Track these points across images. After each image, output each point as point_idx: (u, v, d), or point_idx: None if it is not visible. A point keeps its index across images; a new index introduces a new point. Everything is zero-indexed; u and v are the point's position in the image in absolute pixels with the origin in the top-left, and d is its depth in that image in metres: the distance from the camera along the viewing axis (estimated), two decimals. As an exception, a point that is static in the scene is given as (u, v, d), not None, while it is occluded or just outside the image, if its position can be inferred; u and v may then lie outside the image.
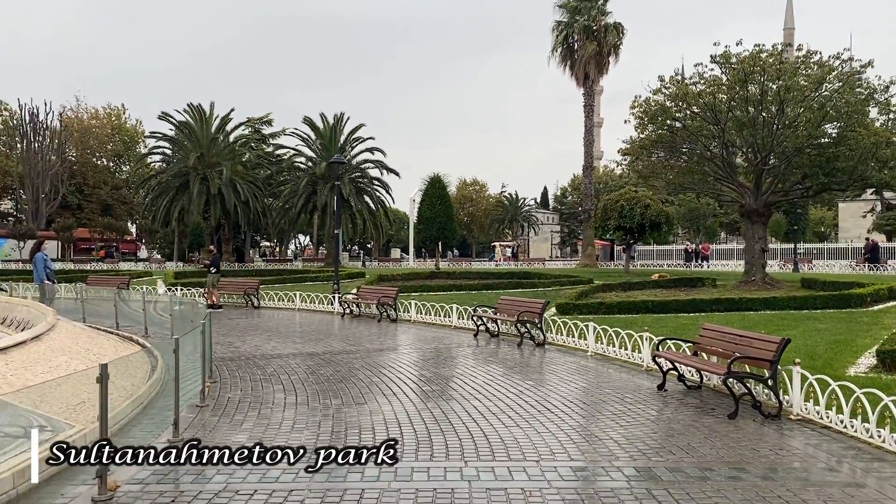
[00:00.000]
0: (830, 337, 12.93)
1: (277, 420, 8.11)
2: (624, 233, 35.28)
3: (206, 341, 10.19)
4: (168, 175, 50.63)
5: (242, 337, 16.07)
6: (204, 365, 9.63)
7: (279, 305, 23.65)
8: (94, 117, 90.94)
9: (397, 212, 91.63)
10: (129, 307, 20.65)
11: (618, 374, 11.20)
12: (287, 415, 8.39)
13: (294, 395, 9.52)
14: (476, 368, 11.65)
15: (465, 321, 17.41)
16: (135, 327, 17.52)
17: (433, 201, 33.63)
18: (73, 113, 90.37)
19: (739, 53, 22.64)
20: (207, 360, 10.50)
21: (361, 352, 13.65)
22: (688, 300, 17.97)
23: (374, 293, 20.62)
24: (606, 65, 46.58)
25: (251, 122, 72.07)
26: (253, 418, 8.22)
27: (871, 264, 36.59)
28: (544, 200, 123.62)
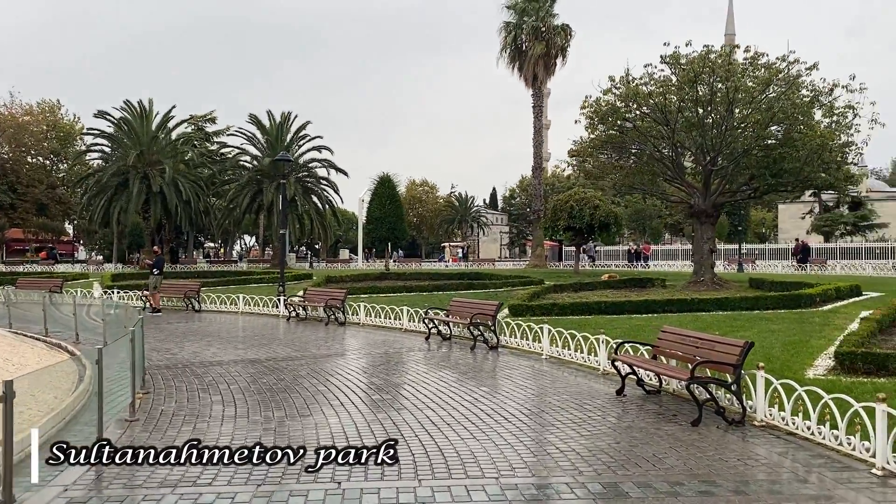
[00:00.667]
0: (784, 338, 12.84)
1: (214, 436, 7.46)
2: (573, 233, 35.28)
3: (137, 349, 9.46)
4: (107, 174, 48.65)
5: (181, 343, 15.24)
6: (134, 375, 8.90)
7: (221, 309, 22.74)
8: (27, 113, 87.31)
9: (346, 212, 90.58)
10: (61, 312, 19.56)
11: (574, 378, 10.85)
12: (225, 429, 7.75)
13: (234, 406, 8.86)
14: (428, 374, 11.15)
15: (417, 324, 16.91)
16: (65, 333, 16.56)
17: (382, 201, 33.04)
18: (6, 109, 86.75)
19: (689, 54, 22.70)
20: (139, 370, 9.78)
21: (307, 358, 13.01)
22: (641, 301, 17.82)
23: (321, 295, 19.94)
24: (554, 66, 46.64)
25: (194, 119, 70.10)
26: (187, 433, 7.55)
27: (801, 264, 38.46)
28: (493, 201, 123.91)
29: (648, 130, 24.14)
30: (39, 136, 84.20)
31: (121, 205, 47.40)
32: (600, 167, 26.54)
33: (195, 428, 7.82)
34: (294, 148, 52.07)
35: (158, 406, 8.96)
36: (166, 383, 10.48)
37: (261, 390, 9.87)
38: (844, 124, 22.88)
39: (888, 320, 12.48)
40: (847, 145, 23.30)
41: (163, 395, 9.67)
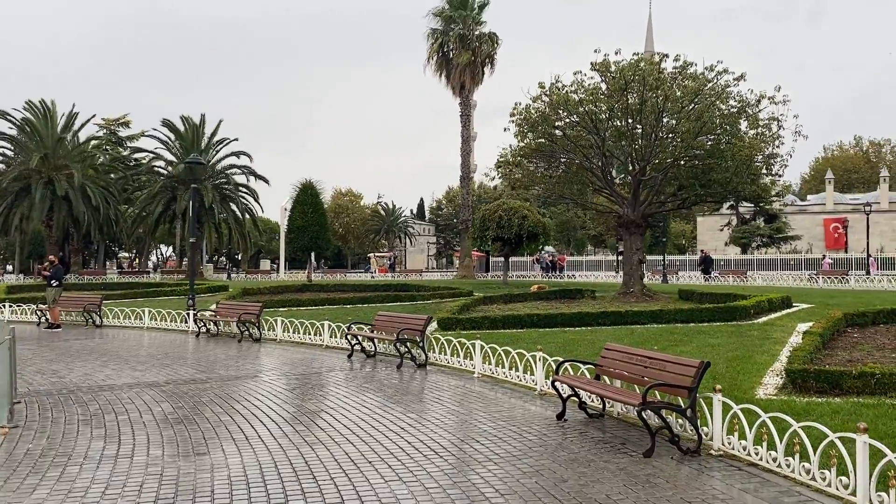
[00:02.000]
0: (726, 353, 12.31)
1: (83, 485, 6.14)
2: (502, 244, 34.68)
3: (2, 373, 8.03)
4: (6, 178, 45.20)
5: (72, 363, 13.60)
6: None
7: (125, 324, 20.89)
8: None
9: (269, 221, 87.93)
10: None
11: (510, 399, 9.93)
12: (100, 474, 6.44)
13: (116, 444, 7.53)
14: (350, 399, 10.01)
15: (339, 340, 15.70)
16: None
17: (305, 209, 31.55)
18: None
19: (619, 62, 22.39)
20: (3, 398, 8.31)
21: (214, 380, 11.66)
22: (574, 314, 17.15)
23: (234, 309, 18.45)
24: (482, 74, 46.22)
25: (107, 123, 66.67)
26: (51, 482, 6.20)
27: (704, 274, 40.13)
28: (420, 212, 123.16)
29: (578, 139, 23.73)
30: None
31: (22, 211, 44.14)
32: (529, 176, 25.98)
33: (63, 473, 6.48)
34: (211, 153, 49.87)
35: (25, 445, 7.54)
36: (42, 414, 9.01)
37: (154, 421, 8.54)
38: (770, 136, 23.00)
39: (829, 334, 12.10)
40: (773, 157, 23.44)
41: (34, 429, 8.22)
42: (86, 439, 7.74)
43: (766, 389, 9.46)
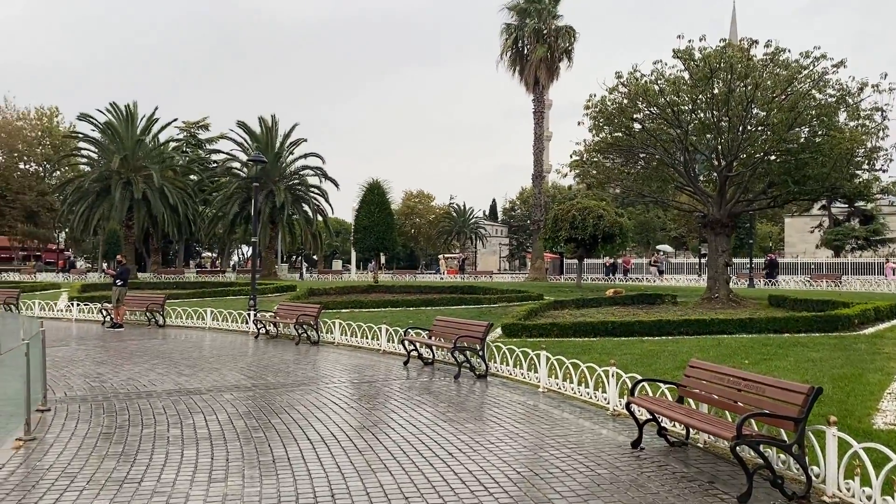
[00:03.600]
0: (831, 370, 10.72)
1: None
2: (576, 245, 33.18)
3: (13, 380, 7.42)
4: (87, 179, 46.56)
5: (121, 366, 13.13)
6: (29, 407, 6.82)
7: (188, 323, 20.61)
8: (21, 118, 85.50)
9: (344, 222, 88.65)
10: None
11: (578, 420, 8.74)
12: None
13: (129, 464, 6.74)
14: (399, 414, 9.02)
15: (396, 345, 14.79)
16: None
17: (371, 209, 30.91)
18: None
19: (704, 48, 20.70)
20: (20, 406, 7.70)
21: (258, 388, 10.88)
22: (653, 322, 15.68)
23: (292, 311, 17.81)
24: (557, 70, 44.69)
25: (187, 125, 68.27)
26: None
27: (769, 279, 38.38)
28: (493, 213, 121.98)
29: (658, 133, 22.15)
30: (32, 142, 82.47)
31: (102, 212, 45.33)
32: (605, 173, 24.49)
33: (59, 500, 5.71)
34: (284, 154, 50.11)
35: (34, 461, 6.84)
36: (67, 423, 8.38)
37: (179, 438, 7.76)
38: (873, 127, 20.85)
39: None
40: (875, 150, 21.26)
41: (51, 442, 7.55)
42: (98, 456, 6.99)
43: (885, 417, 7.94)
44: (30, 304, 23.88)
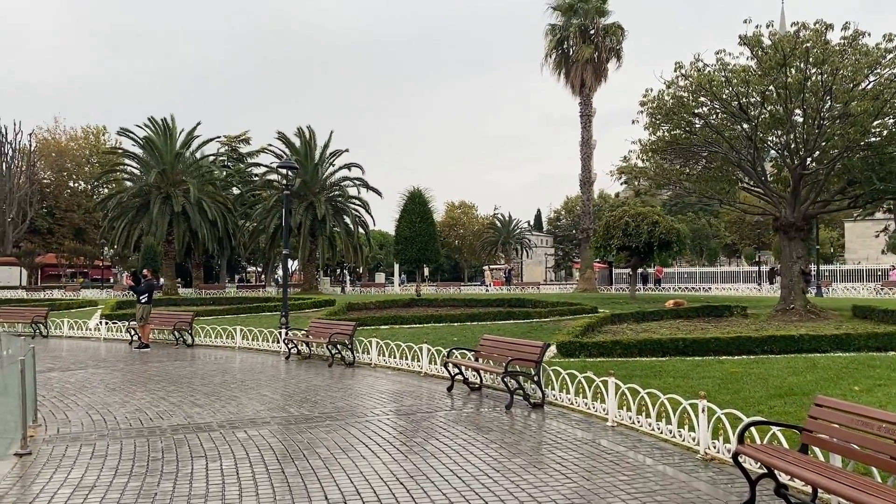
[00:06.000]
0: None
1: None
2: (629, 253, 31.16)
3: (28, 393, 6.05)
4: (127, 194, 46.24)
5: (133, 393, 11.78)
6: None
7: (216, 343, 19.34)
8: (72, 139, 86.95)
9: (387, 234, 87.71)
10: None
11: (661, 467, 7.02)
12: None
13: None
14: (442, 459, 7.39)
15: (439, 366, 13.19)
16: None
17: (412, 218, 29.41)
18: (49, 134, 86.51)
19: (774, 33, 18.74)
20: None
21: (277, 422, 9.37)
22: (730, 339, 13.73)
23: (326, 329, 16.35)
24: (605, 71, 42.76)
25: (229, 140, 68.10)
26: None
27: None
28: (538, 223, 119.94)
29: (722, 129, 20.21)
30: (81, 161, 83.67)
31: (142, 227, 44.89)
32: (663, 175, 22.57)
33: None
34: (325, 166, 49.14)
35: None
36: (42, 472, 6.95)
37: (164, 495, 6.26)
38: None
39: None
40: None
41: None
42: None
43: None
44: (59, 324, 22.96)
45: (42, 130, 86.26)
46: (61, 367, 15.26)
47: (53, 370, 14.60)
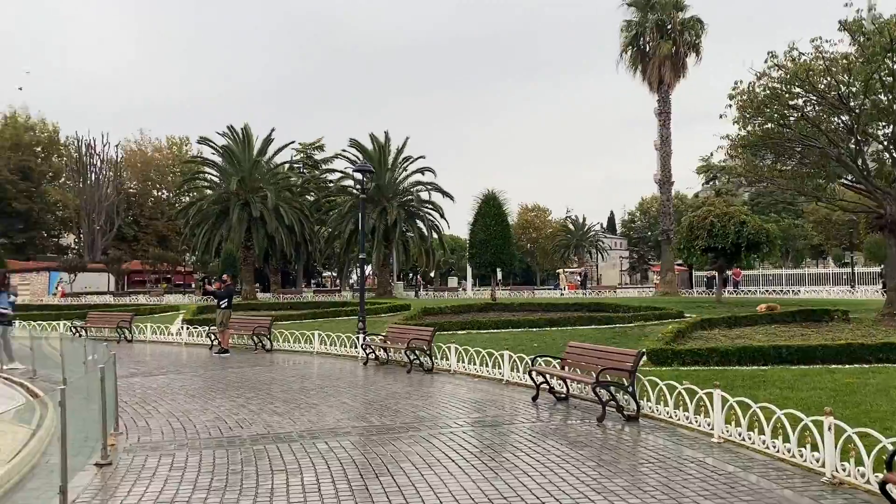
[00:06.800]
0: None
1: None
2: (715, 255, 29.76)
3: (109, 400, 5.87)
4: (208, 202, 47.44)
5: (212, 400, 11.66)
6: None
7: (295, 347, 19.27)
8: (157, 150, 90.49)
9: (459, 239, 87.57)
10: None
11: (781, 491, 6.30)
12: None
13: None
14: (533, 477, 6.84)
15: (522, 374, 12.62)
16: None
17: (487, 222, 28.87)
18: (136, 145, 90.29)
19: (878, 17, 17.40)
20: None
21: (359, 434, 8.99)
22: (840, 346, 12.65)
23: (404, 334, 16.00)
24: (684, 67, 41.23)
25: (304, 147, 69.21)
26: None
27: None
28: (611, 225, 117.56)
29: (819, 122, 18.93)
30: (164, 171, 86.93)
31: (222, 233, 45.92)
32: (754, 171, 21.34)
33: None
34: (397, 171, 49.19)
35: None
36: (122, 485, 6.74)
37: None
38: None
39: None
40: None
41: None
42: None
43: None
44: (143, 328, 23.45)
45: (129, 142, 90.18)
46: (144, 371, 15.40)
47: (136, 375, 14.73)
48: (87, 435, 7.76)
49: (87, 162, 78.83)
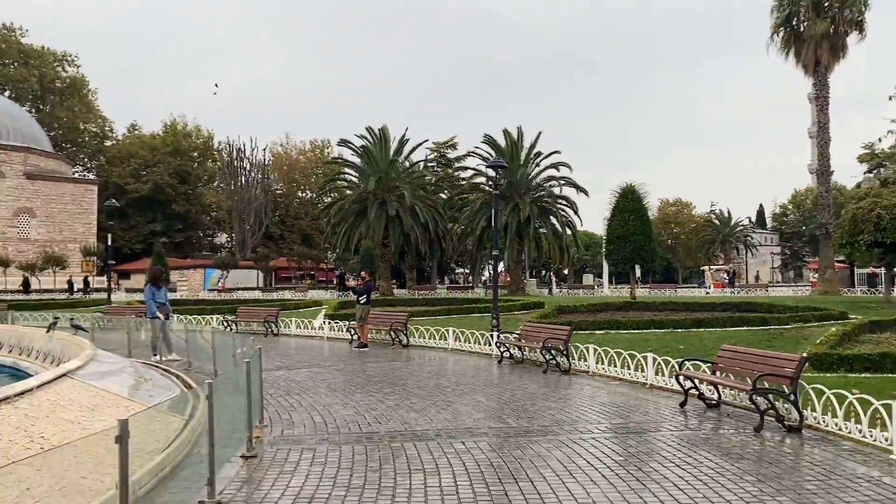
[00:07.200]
0: None
1: None
2: (882, 251, 27.10)
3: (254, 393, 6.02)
4: (348, 201, 49.13)
5: (352, 394, 11.82)
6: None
7: (430, 344, 19.35)
8: (301, 153, 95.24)
9: (593, 235, 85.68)
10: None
11: None
12: None
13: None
14: (686, 492, 6.31)
15: (667, 378, 11.91)
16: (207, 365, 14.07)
17: (625, 216, 27.81)
18: (282, 149, 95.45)
19: None
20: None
21: (497, 434, 8.75)
22: None
23: (539, 332, 15.61)
24: (844, 47, 37.86)
25: (437, 146, 70.17)
26: None
27: None
28: (760, 219, 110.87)
29: None
30: (308, 172, 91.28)
31: (360, 231, 47.35)
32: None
33: None
34: (530, 167, 48.66)
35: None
36: (266, 479, 6.86)
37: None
38: None
39: None
40: None
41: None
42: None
43: None
44: (287, 322, 24.46)
45: (276, 146, 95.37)
46: (288, 365, 15.95)
47: (281, 368, 15.27)
48: (235, 427, 8.00)
49: (237, 165, 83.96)
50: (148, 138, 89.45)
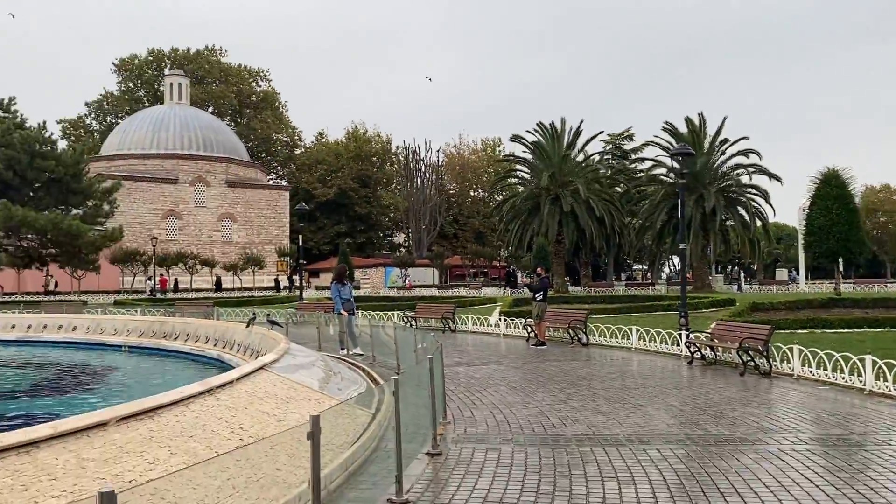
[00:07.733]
0: None
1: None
2: None
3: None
4: (520, 198, 49.00)
5: (533, 393, 11.52)
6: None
7: (611, 343, 18.59)
8: (473, 152, 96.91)
9: (785, 227, 79.54)
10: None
11: None
12: None
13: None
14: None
15: (890, 384, 10.48)
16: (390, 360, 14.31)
17: (828, 205, 25.21)
18: (454, 149, 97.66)
19: None
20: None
21: (694, 442, 8.05)
22: None
23: (733, 331, 14.43)
24: None
25: (612, 138, 68.27)
26: None
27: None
28: None
29: None
30: (480, 171, 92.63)
31: (533, 228, 47.02)
32: None
33: None
34: (715, 155, 45.85)
35: None
36: (452, 478, 6.72)
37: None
38: None
39: None
40: None
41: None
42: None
43: None
44: (464, 319, 24.65)
45: (448, 146, 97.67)
46: (467, 361, 15.96)
47: (461, 364, 15.29)
48: (419, 423, 7.97)
49: (413, 168, 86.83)
50: (332, 145, 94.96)
